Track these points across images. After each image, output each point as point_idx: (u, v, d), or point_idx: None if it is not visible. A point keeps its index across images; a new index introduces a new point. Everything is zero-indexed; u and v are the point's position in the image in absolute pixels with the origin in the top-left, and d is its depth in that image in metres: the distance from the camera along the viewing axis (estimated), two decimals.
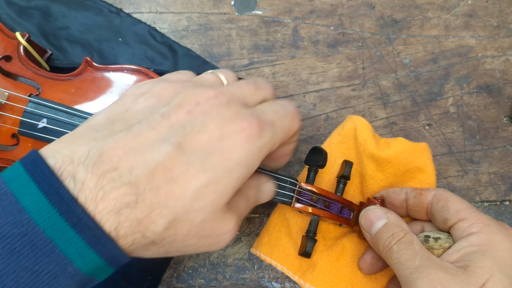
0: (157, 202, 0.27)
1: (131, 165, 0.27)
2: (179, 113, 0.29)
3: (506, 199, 0.48)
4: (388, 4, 0.53)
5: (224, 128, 0.29)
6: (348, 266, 0.43)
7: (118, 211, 0.26)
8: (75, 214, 0.25)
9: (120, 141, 0.27)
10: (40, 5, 0.53)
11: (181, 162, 0.27)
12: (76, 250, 0.25)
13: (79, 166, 0.26)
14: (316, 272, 0.42)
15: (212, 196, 0.28)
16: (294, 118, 0.34)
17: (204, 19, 0.53)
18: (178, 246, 0.29)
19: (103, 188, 0.26)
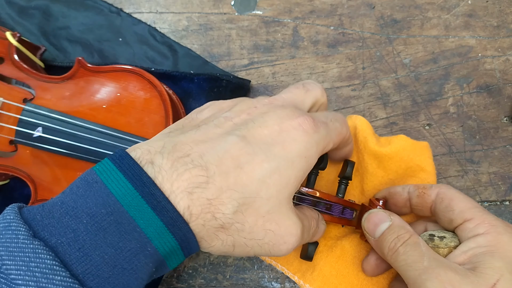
0: (227, 186, 0.29)
1: (202, 152, 0.29)
2: (240, 115, 0.33)
3: (506, 199, 0.48)
4: (388, 4, 0.53)
5: (282, 124, 0.31)
6: (348, 267, 0.43)
7: (191, 190, 0.28)
8: (155, 197, 0.27)
9: (191, 136, 0.30)
10: (41, 5, 0.53)
11: (246, 151, 0.30)
12: (155, 230, 0.27)
13: (156, 155, 0.29)
14: (316, 273, 0.42)
15: (276, 187, 0.30)
16: (342, 122, 0.36)
17: (204, 19, 0.53)
18: (245, 238, 0.30)
19: (177, 170, 0.28)
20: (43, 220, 0.26)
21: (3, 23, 0.53)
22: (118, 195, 0.27)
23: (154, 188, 0.28)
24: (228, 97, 0.50)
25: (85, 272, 0.25)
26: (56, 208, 0.27)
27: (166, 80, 0.50)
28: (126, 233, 0.26)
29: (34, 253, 0.25)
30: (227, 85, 0.50)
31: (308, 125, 0.32)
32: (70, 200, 0.27)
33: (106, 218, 0.26)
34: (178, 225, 0.28)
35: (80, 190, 0.27)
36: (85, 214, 0.26)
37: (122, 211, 0.27)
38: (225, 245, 0.30)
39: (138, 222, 0.27)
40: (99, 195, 0.27)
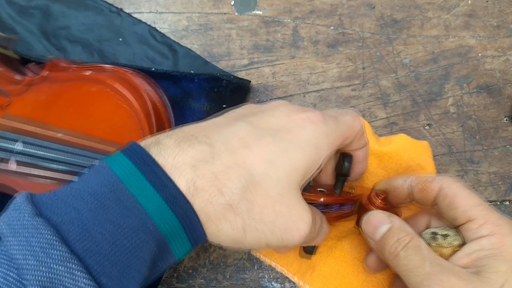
0: (234, 163, 0.29)
1: (208, 134, 0.30)
2: (251, 108, 0.34)
3: (506, 199, 0.48)
4: (388, 4, 0.53)
5: (291, 116, 0.32)
6: (348, 268, 0.42)
7: (194, 163, 0.28)
8: (155, 174, 0.28)
9: (199, 125, 0.31)
10: (41, 4, 0.53)
11: (254, 134, 0.30)
12: (154, 206, 0.27)
13: (164, 138, 0.30)
14: (316, 273, 0.42)
15: (285, 169, 0.30)
16: (354, 116, 0.36)
17: (204, 19, 0.53)
18: (255, 219, 0.29)
19: (181, 146, 0.29)
20: (49, 202, 0.27)
21: (3, 23, 0.53)
22: (120, 174, 0.27)
23: (155, 166, 0.28)
24: (228, 97, 0.50)
25: (85, 249, 0.25)
26: (64, 193, 0.27)
27: (166, 80, 0.50)
28: (126, 209, 0.27)
29: (35, 229, 0.25)
30: (228, 85, 0.50)
31: (316, 118, 0.32)
32: (77, 185, 0.28)
33: (107, 196, 0.27)
34: (179, 201, 0.27)
35: (89, 176, 0.28)
36: (88, 194, 0.27)
37: (122, 189, 0.27)
38: (235, 229, 0.29)
39: (138, 198, 0.27)
40: (103, 176, 0.28)
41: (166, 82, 0.50)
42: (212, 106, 0.50)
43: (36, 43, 0.52)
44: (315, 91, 0.51)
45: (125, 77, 0.44)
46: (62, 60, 0.47)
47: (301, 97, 0.51)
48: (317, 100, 0.51)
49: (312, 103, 0.51)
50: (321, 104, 0.51)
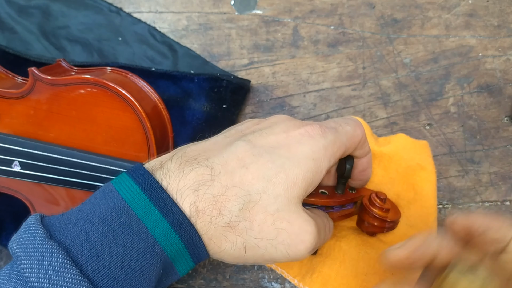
0: (232, 184, 0.29)
1: (208, 155, 0.31)
2: (250, 126, 0.34)
3: (507, 199, 0.48)
4: (389, 3, 0.53)
5: (289, 132, 0.33)
6: (347, 269, 0.42)
7: (196, 188, 0.29)
8: (162, 200, 0.29)
9: (200, 145, 0.32)
10: (40, 4, 0.53)
11: (252, 153, 0.31)
12: (161, 231, 0.28)
13: (167, 161, 0.31)
14: (315, 275, 0.42)
15: (283, 185, 0.30)
16: (355, 125, 0.36)
17: (204, 19, 0.53)
18: (255, 238, 0.30)
19: (183, 170, 0.30)
20: (61, 225, 0.28)
21: (2, 22, 0.53)
22: (128, 199, 0.28)
23: (161, 192, 0.29)
24: (228, 97, 0.50)
25: (95, 272, 0.26)
26: (73, 215, 0.29)
27: (166, 80, 0.50)
28: (134, 233, 0.28)
29: (48, 252, 0.26)
30: (228, 85, 0.50)
31: (313, 131, 0.32)
32: (86, 208, 0.29)
33: (116, 220, 0.28)
34: (184, 226, 0.28)
35: (97, 199, 0.29)
36: (97, 218, 0.28)
37: (131, 213, 0.28)
38: (236, 248, 0.30)
39: (145, 223, 0.28)
40: (111, 201, 0.29)
41: (166, 82, 0.50)
42: (212, 106, 0.50)
43: (35, 43, 0.52)
44: (315, 90, 0.51)
45: (126, 79, 0.44)
46: (64, 62, 0.47)
47: (301, 97, 0.51)
48: (317, 100, 0.51)
49: (312, 103, 0.51)
50: (321, 104, 0.51)
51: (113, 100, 0.42)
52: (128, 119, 0.42)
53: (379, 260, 0.41)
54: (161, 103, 0.45)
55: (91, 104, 0.42)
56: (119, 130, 0.42)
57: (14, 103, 0.43)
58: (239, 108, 0.50)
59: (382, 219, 0.40)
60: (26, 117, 0.43)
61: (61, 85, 0.42)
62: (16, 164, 0.42)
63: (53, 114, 0.43)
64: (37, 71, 0.41)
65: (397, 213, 0.41)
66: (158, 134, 0.43)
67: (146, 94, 0.44)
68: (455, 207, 0.49)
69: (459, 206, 0.49)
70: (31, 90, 0.42)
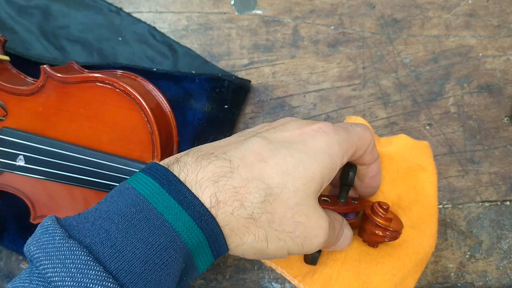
0: (252, 177, 0.30)
1: (225, 150, 0.31)
2: (263, 126, 0.35)
3: (507, 199, 0.48)
4: (389, 3, 0.53)
5: (303, 128, 0.33)
6: (349, 269, 0.42)
7: (216, 179, 0.29)
8: (181, 193, 0.29)
9: (215, 143, 0.32)
10: (40, 4, 0.53)
11: (269, 148, 0.31)
12: (183, 224, 0.28)
13: (182, 156, 0.31)
14: (316, 275, 0.42)
15: (302, 180, 0.30)
16: (365, 127, 0.36)
17: (204, 19, 0.53)
18: (276, 230, 0.30)
19: (201, 163, 0.30)
20: (78, 225, 0.28)
21: (2, 22, 0.53)
22: (146, 194, 0.28)
23: (180, 185, 0.29)
24: (230, 97, 0.50)
25: (118, 269, 0.26)
26: (90, 214, 0.28)
27: (167, 80, 0.50)
28: (156, 228, 0.27)
29: (70, 251, 0.26)
30: (229, 85, 0.50)
31: (327, 128, 0.33)
32: (103, 206, 0.29)
33: (136, 216, 0.28)
34: (205, 219, 0.28)
35: (114, 198, 0.29)
36: (116, 215, 0.28)
37: (150, 208, 0.28)
38: (258, 240, 0.30)
39: (166, 217, 0.28)
40: (129, 197, 0.29)
41: (167, 82, 0.50)
42: (213, 107, 0.50)
43: (35, 43, 0.52)
44: (315, 90, 0.51)
45: (135, 82, 0.44)
46: (76, 64, 0.47)
47: (301, 97, 0.51)
48: (317, 100, 0.51)
49: (312, 103, 0.51)
50: (322, 104, 0.51)
51: (121, 99, 0.42)
52: (135, 118, 0.42)
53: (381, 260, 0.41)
54: (168, 107, 0.45)
55: (99, 102, 0.42)
56: (125, 129, 0.43)
57: (24, 99, 0.43)
58: (240, 108, 0.50)
59: (384, 228, 0.39)
60: (34, 114, 0.43)
61: (71, 82, 0.42)
62: (20, 159, 0.43)
63: (61, 111, 0.43)
64: (49, 68, 0.42)
65: (399, 223, 0.41)
66: (164, 136, 0.43)
67: (154, 97, 0.44)
68: (455, 207, 0.49)
69: (459, 206, 0.49)
70: (42, 87, 0.43)
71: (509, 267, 0.48)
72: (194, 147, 0.32)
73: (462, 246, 0.48)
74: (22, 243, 0.50)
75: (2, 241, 0.50)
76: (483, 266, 0.48)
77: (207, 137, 0.50)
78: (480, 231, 0.48)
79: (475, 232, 0.48)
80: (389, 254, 0.42)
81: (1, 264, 0.50)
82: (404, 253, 0.42)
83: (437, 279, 0.48)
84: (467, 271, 0.48)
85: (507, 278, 0.48)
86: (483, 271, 0.48)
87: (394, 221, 0.40)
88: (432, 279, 0.48)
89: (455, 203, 0.49)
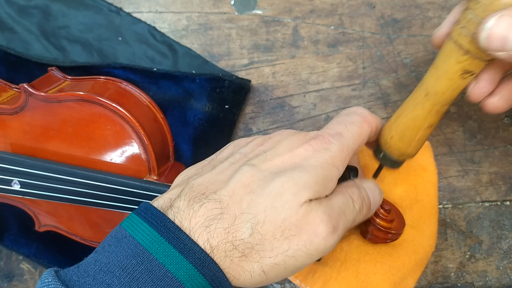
0: (240, 212, 0.29)
1: (216, 189, 0.30)
2: (254, 148, 0.34)
3: (507, 199, 0.48)
4: (389, 3, 0.53)
5: (293, 150, 0.32)
6: (349, 269, 0.42)
7: (208, 224, 0.29)
8: (180, 240, 0.28)
9: (207, 177, 0.32)
10: (40, 4, 0.53)
11: (258, 178, 0.30)
12: (185, 272, 0.28)
13: (176, 200, 0.30)
14: (317, 274, 0.42)
15: (291, 190, 0.29)
16: (361, 121, 0.35)
17: (204, 19, 0.53)
18: (270, 257, 0.29)
19: (193, 207, 0.29)
20: (79, 280, 0.27)
21: (2, 22, 0.53)
22: (146, 244, 0.28)
23: (178, 232, 0.28)
24: (230, 98, 0.50)
25: None
26: (90, 267, 0.28)
27: (167, 80, 0.50)
28: (159, 279, 0.27)
29: None
30: (230, 85, 0.50)
31: (317, 145, 0.32)
32: (103, 258, 0.28)
33: (137, 268, 0.27)
34: (207, 265, 0.28)
35: (112, 247, 0.29)
36: (117, 268, 0.27)
37: (151, 259, 0.27)
38: (255, 275, 0.30)
39: (168, 267, 0.27)
40: (128, 248, 0.28)
41: (167, 82, 0.50)
42: (214, 107, 0.50)
43: (35, 43, 0.52)
44: (315, 90, 0.51)
45: (121, 90, 0.43)
46: (56, 70, 0.45)
47: (301, 97, 0.51)
48: (317, 100, 0.51)
49: (312, 103, 0.51)
50: (322, 104, 0.51)
51: (108, 117, 0.41)
52: (126, 134, 0.41)
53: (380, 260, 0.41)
54: (158, 113, 0.44)
55: (87, 121, 0.41)
56: (117, 146, 0.42)
57: (8, 118, 0.42)
58: (240, 108, 0.50)
59: (385, 231, 0.39)
60: (22, 133, 0.42)
61: (55, 101, 0.41)
62: (15, 183, 0.42)
63: (49, 130, 0.42)
64: (28, 87, 0.40)
65: (402, 223, 0.41)
66: (158, 146, 0.43)
67: (142, 105, 0.43)
68: (455, 207, 0.49)
69: (459, 206, 0.49)
70: (24, 106, 0.41)
71: (509, 267, 0.48)
72: (187, 183, 0.32)
73: (462, 246, 0.48)
74: (23, 243, 0.50)
75: (3, 241, 0.50)
76: (483, 266, 0.48)
77: (207, 137, 0.50)
78: (480, 231, 0.48)
79: (475, 232, 0.48)
80: (388, 254, 0.42)
81: (1, 264, 0.50)
82: (404, 252, 0.43)
83: (437, 279, 0.48)
84: (467, 271, 0.48)
85: (507, 278, 0.48)
86: (483, 271, 0.48)
87: (396, 221, 0.40)
88: (432, 279, 0.48)
89: (455, 203, 0.49)
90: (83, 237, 0.46)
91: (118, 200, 0.41)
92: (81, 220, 0.45)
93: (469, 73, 0.30)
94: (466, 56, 0.29)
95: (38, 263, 0.50)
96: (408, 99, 0.35)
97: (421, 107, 0.34)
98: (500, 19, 0.27)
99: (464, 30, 0.28)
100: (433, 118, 0.34)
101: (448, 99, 0.33)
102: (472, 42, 0.28)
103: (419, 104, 0.33)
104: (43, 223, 0.46)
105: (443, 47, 0.31)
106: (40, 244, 0.50)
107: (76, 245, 0.48)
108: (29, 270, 0.51)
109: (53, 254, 0.50)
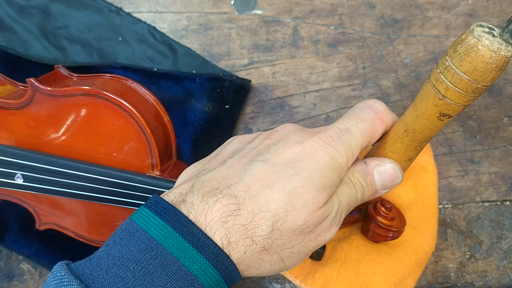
0: (258, 208, 0.29)
1: (229, 183, 0.30)
2: (262, 142, 0.34)
3: (507, 199, 0.48)
4: (389, 3, 0.53)
5: (304, 142, 0.32)
6: (349, 269, 0.42)
7: (225, 220, 0.29)
8: (194, 235, 0.28)
9: (218, 172, 0.32)
10: (40, 4, 0.53)
11: (273, 172, 0.30)
12: (199, 266, 0.28)
13: (187, 194, 0.30)
14: (317, 275, 0.42)
15: (311, 194, 0.30)
16: (373, 118, 0.34)
17: (204, 19, 0.53)
18: (288, 249, 0.31)
19: (208, 202, 0.29)
20: (93, 274, 0.27)
21: (2, 22, 0.53)
22: (159, 238, 0.28)
23: (192, 226, 0.29)
24: (230, 98, 0.50)
25: None
26: (103, 261, 0.28)
27: (168, 80, 0.50)
28: (173, 273, 0.27)
29: None
30: (230, 85, 0.50)
31: (328, 138, 0.32)
32: (115, 251, 0.28)
33: (151, 262, 0.27)
34: (221, 259, 0.28)
35: (124, 241, 0.29)
36: (131, 262, 0.27)
37: (165, 253, 0.28)
38: (275, 264, 0.31)
39: (182, 261, 0.28)
40: (141, 242, 0.28)
41: (168, 82, 0.50)
42: (214, 107, 0.50)
43: (35, 43, 0.52)
44: (315, 90, 0.51)
45: (126, 87, 0.43)
46: (62, 68, 0.46)
47: (301, 97, 0.51)
48: (317, 100, 0.51)
49: (312, 103, 0.51)
50: (322, 104, 0.51)
51: (114, 111, 0.41)
52: (130, 129, 0.41)
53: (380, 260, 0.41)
54: (163, 110, 0.44)
55: (92, 116, 0.41)
56: (121, 141, 0.42)
57: (14, 113, 0.42)
58: (240, 108, 0.51)
59: (386, 228, 0.40)
60: (26, 128, 0.42)
61: (61, 96, 0.41)
62: (18, 177, 0.42)
63: (54, 125, 0.42)
64: (35, 81, 0.41)
65: (402, 221, 0.41)
66: (161, 143, 0.43)
67: (147, 102, 0.43)
68: (455, 207, 0.49)
69: (459, 206, 0.49)
70: (30, 101, 0.42)
71: (509, 267, 0.48)
72: (197, 178, 0.32)
73: (462, 246, 0.48)
74: (24, 244, 0.50)
75: (4, 241, 0.50)
76: (483, 266, 0.48)
77: (208, 137, 0.50)
78: (480, 231, 0.48)
79: (475, 232, 0.48)
80: (388, 254, 0.42)
81: (1, 264, 0.50)
82: (404, 252, 0.43)
83: (437, 279, 0.48)
84: (467, 271, 0.48)
85: (507, 278, 0.48)
86: (483, 271, 0.48)
87: (397, 219, 0.40)
88: (432, 279, 0.48)
89: (455, 203, 0.49)
90: (83, 236, 0.46)
91: (121, 195, 0.41)
92: (81, 217, 0.45)
93: (446, 116, 0.31)
94: (443, 101, 0.30)
95: (39, 263, 0.50)
96: (390, 131, 0.35)
97: (400, 142, 0.34)
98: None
99: (441, 75, 0.29)
100: (412, 152, 0.35)
101: (426, 137, 0.33)
102: (448, 89, 0.29)
103: (399, 138, 0.34)
104: (44, 221, 0.46)
105: (423, 87, 0.32)
106: (40, 244, 0.50)
107: (76, 245, 0.48)
108: (29, 270, 0.51)
109: (54, 254, 0.50)
